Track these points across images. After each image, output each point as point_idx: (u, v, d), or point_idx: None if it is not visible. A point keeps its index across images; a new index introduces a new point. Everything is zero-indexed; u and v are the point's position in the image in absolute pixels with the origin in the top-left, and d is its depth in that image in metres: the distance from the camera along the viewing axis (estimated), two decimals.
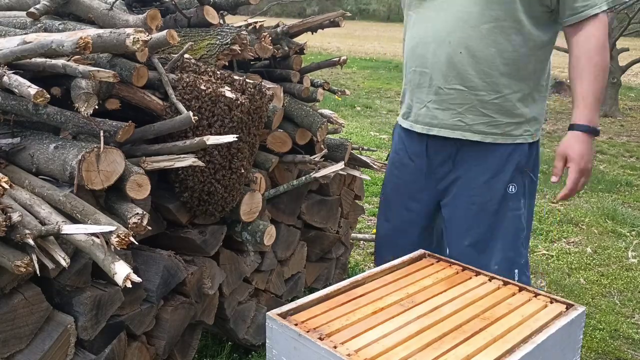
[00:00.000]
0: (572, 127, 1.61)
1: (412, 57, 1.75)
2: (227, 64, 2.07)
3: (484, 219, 1.73)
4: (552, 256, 3.43)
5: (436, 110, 1.71)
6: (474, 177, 1.72)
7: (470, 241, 1.74)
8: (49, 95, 1.45)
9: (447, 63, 1.65)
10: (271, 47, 2.27)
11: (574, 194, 1.64)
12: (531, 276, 3.12)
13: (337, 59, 2.63)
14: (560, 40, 1.77)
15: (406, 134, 1.86)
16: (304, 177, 2.23)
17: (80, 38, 1.48)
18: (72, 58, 1.64)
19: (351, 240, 2.90)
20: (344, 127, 2.68)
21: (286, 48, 2.38)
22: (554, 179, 1.63)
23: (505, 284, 1.39)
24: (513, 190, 1.71)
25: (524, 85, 1.67)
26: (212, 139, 1.62)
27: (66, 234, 1.32)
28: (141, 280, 1.37)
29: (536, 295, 1.33)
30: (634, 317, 2.77)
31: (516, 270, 1.74)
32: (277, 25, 2.44)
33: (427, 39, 1.68)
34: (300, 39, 2.56)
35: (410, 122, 1.82)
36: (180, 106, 1.69)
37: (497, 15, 1.59)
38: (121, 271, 1.30)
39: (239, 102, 1.75)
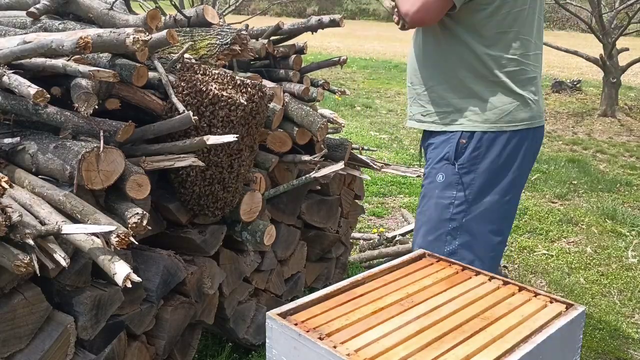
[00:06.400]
0: None
1: None
2: (227, 63, 2.07)
3: (421, 203, 1.88)
4: (552, 256, 3.43)
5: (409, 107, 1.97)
6: (427, 168, 1.88)
7: (415, 226, 1.92)
8: (49, 95, 1.46)
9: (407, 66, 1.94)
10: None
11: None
12: (531, 276, 3.14)
13: (337, 58, 2.63)
14: (560, 40, 1.78)
15: None
16: (304, 177, 2.23)
17: (80, 38, 1.48)
18: (72, 58, 1.64)
19: (351, 240, 2.90)
20: (344, 127, 2.68)
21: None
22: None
23: (505, 283, 1.39)
24: (441, 179, 1.79)
25: (449, 77, 1.77)
26: (212, 139, 1.62)
27: (66, 234, 1.32)
28: (141, 280, 1.37)
29: (536, 295, 1.33)
30: (634, 317, 2.77)
31: None
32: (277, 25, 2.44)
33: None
34: (300, 39, 2.56)
35: None
36: (180, 106, 1.69)
37: None
38: (121, 271, 1.30)
39: (239, 102, 1.75)
